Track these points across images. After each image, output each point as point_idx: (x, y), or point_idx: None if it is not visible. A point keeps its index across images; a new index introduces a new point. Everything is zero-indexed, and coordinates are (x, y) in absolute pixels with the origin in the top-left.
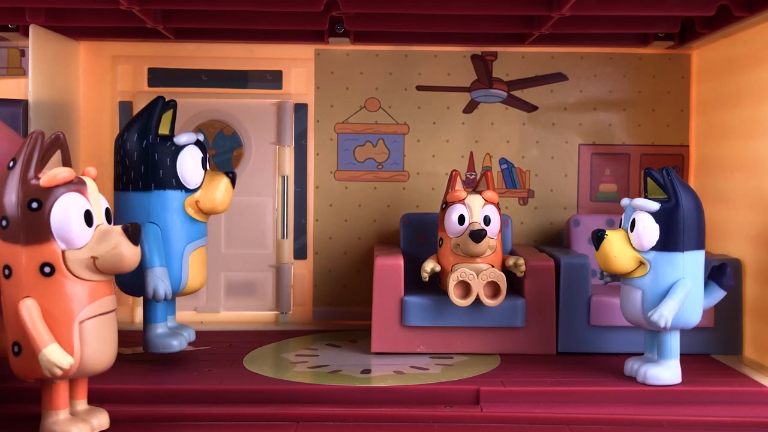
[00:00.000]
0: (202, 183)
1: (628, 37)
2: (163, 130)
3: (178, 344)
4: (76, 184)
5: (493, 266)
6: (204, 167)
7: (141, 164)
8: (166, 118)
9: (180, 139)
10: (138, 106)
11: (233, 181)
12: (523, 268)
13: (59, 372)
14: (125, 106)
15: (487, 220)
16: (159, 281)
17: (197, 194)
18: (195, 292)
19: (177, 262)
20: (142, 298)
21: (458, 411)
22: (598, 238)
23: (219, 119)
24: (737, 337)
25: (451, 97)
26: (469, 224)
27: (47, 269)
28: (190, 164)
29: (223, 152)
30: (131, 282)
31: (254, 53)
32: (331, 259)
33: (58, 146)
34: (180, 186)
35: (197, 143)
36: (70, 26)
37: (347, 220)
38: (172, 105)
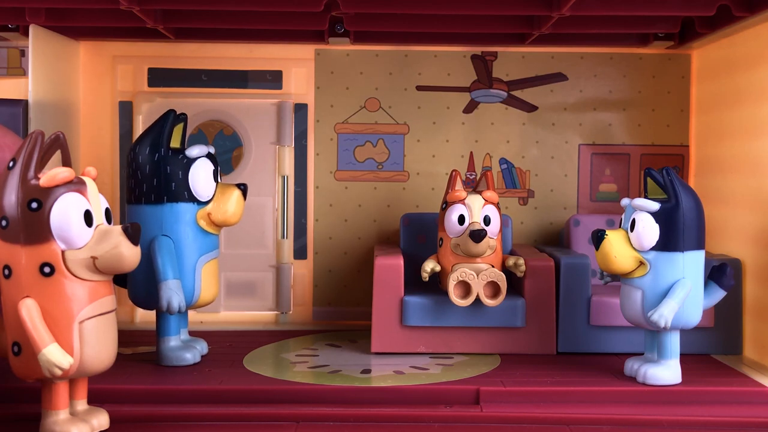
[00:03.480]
0: (213, 195)
1: (628, 37)
2: (174, 143)
3: (191, 357)
4: (76, 184)
5: (493, 266)
6: (216, 180)
7: (153, 177)
8: (177, 131)
9: (192, 151)
10: (138, 106)
11: (245, 194)
12: (523, 268)
13: (59, 372)
14: (125, 106)
15: (487, 220)
16: (173, 294)
17: (209, 207)
18: (208, 305)
19: (190, 275)
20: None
21: (458, 411)
22: (598, 238)
23: (219, 119)
24: (737, 337)
25: (451, 97)
26: (469, 224)
27: (47, 269)
28: (202, 177)
29: (223, 152)
30: (145, 295)
31: (254, 53)
32: (331, 259)
33: (58, 146)
34: (192, 198)
35: (209, 156)
36: (70, 26)
37: (347, 220)
38: (183, 118)
